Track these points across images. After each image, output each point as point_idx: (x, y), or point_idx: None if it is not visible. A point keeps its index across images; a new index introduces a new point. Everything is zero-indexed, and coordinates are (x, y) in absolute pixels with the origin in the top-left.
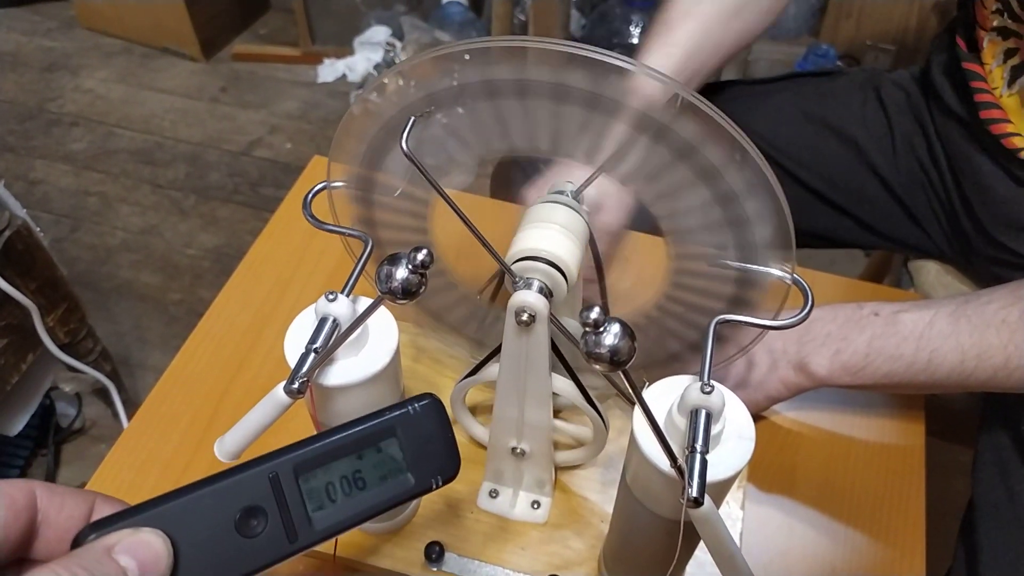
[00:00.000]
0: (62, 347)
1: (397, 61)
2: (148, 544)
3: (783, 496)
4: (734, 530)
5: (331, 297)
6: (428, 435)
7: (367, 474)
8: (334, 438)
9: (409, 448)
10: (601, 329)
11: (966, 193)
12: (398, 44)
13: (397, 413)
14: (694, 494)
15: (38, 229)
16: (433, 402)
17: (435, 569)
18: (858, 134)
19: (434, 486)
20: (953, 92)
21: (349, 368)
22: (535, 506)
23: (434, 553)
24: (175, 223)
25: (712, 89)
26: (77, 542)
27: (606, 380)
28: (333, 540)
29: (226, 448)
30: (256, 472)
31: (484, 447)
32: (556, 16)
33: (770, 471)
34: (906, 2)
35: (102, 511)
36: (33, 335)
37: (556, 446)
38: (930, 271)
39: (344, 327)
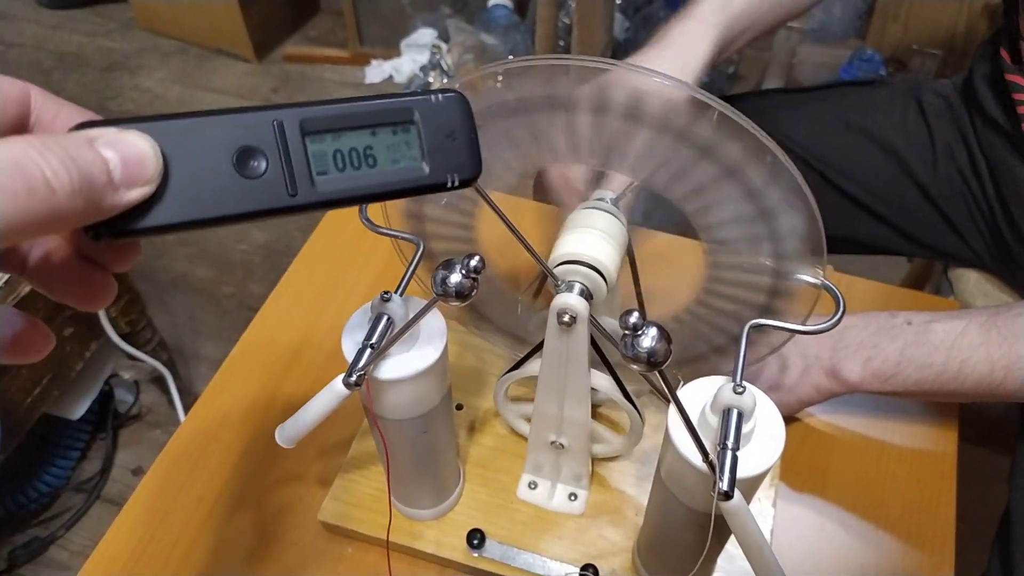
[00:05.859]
0: (123, 337)
1: (442, 63)
2: (133, 144)
3: (815, 496)
4: (765, 527)
5: (386, 297)
6: (450, 129)
7: (379, 153)
8: (346, 106)
9: (428, 138)
10: (639, 332)
11: (1007, 203)
12: (444, 46)
13: (418, 98)
14: (724, 488)
15: None
16: (458, 96)
17: (476, 555)
18: (899, 143)
19: (450, 183)
20: (995, 103)
21: (402, 363)
22: (572, 498)
23: (476, 539)
24: None
25: (754, 97)
26: None
27: (643, 378)
28: (387, 521)
29: (287, 435)
30: (259, 115)
31: (525, 438)
32: (600, 19)
33: (803, 471)
34: (954, 6)
35: None
36: (96, 325)
37: (593, 439)
38: (970, 279)
39: (398, 325)
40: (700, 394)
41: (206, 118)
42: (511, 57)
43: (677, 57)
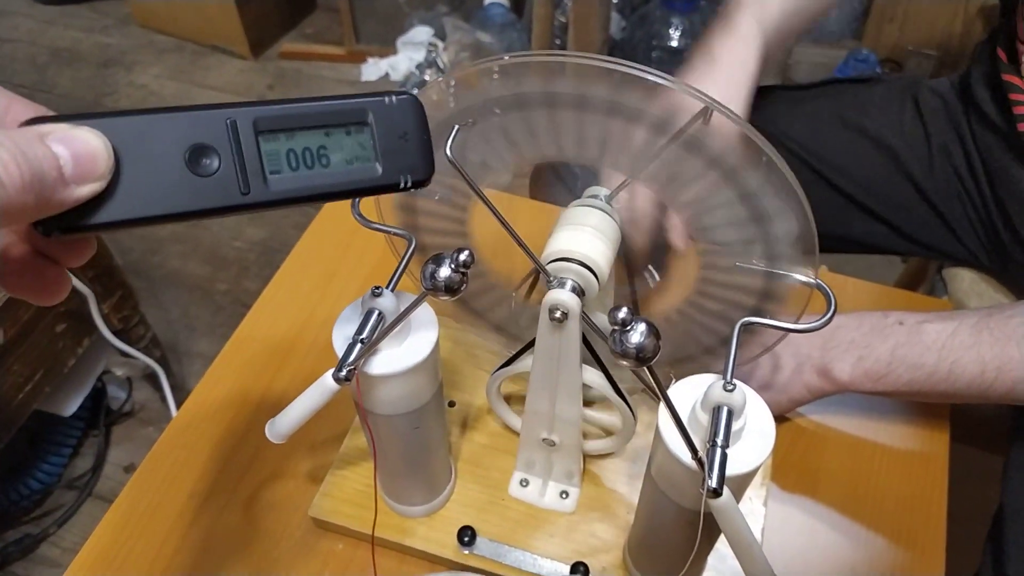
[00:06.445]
0: (115, 333)
1: (439, 61)
2: (85, 140)
3: (806, 497)
4: (756, 527)
5: (377, 292)
6: (403, 131)
7: (333, 153)
8: (300, 105)
9: (381, 139)
10: (628, 328)
11: (1003, 202)
12: (440, 44)
13: (372, 100)
14: (714, 485)
15: None
16: (411, 98)
17: (467, 552)
18: (895, 141)
19: (403, 184)
20: (992, 103)
21: (392, 358)
22: (564, 496)
23: (466, 537)
24: None
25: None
26: None
27: (635, 375)
28: (372, 517)
29: (277, 430)
30: (213, 113)
31: (517, 435)
32: (596, 19)
33: (794, 472)
34: (950, 8)
35: None
36: (89, 321)
37: (585, 435)
38: (964, 279)
39: (388, 320)
40: (691, 392)
41: (159, 115)
42: (507, 57)
43: (731, 77)
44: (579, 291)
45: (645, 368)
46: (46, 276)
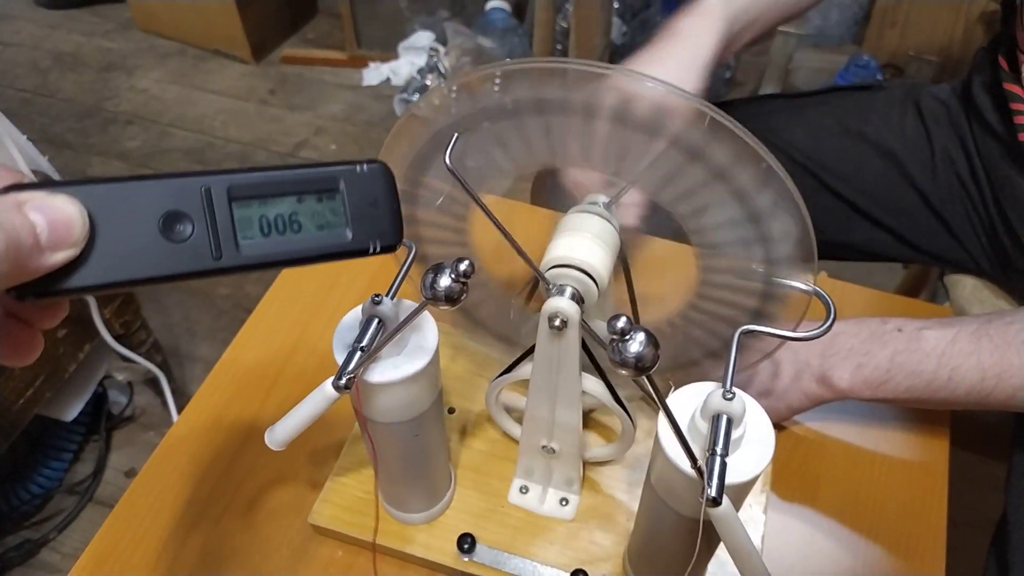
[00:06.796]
0: (117, 338)
1: (440, 66)
2: (61, 208)
3: (805, 505)
4: (756, 534)
5: (377, 299)
6: (373, 198)
7: (304, 220)
8: (274, 173)
9: (352, 205)
10: (627, 337)
11: (1005, 209)
12: (441, 49)
13: (343, 168)
14: (713, 494)
15: None
16: (381, 167)
17: (467, 559)
18: (897, 148)
19: (372, 249)
20: (994, 110)
21: (392, 366)
22: (563, 503)
23: (466, 544)
24: None
25: (752, 102)
26: None
27: (634, 383)
28: (374, 525)
29: (276, 437)
30: (188, 180)
31: (516, 442)
32: (597, 24)
33: (794, 480)
34: (952, 13)
35: None
36: (90, 326)
37: (585, 443)
38: (966, 285)
39: (388, 328)
40: (690, 400)
41: (135, 183)
42: (508, 61)
43: (686, 51)
44: (578, 298)
45: (644, 377)
46: (19, 338)
